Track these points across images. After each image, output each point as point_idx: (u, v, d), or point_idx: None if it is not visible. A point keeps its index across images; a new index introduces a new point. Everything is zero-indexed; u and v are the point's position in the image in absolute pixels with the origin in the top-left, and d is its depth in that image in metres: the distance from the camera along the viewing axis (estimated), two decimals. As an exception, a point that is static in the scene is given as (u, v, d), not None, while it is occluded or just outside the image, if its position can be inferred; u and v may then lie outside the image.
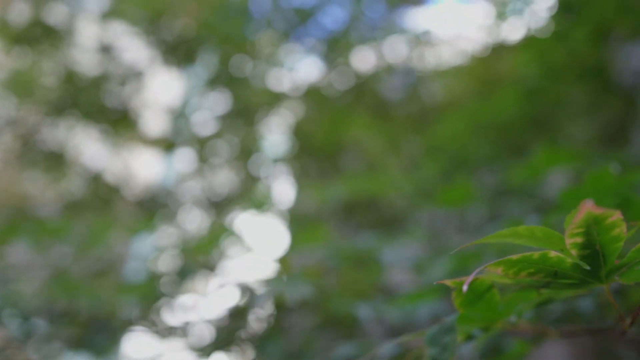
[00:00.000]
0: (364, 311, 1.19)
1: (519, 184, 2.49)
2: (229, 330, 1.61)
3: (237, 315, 1.55)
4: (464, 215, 2.73)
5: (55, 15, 3.00)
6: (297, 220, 3.77)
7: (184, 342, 2.07)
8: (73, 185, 3.49)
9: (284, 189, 4.63)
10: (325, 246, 1.57)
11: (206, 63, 3.65)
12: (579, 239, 0.49)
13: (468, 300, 0.60)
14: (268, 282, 1.15)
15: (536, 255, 0.51)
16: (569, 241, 0.50)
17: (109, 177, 3.63)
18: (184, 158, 4.19)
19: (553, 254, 0.51)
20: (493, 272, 0.54)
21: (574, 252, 0.51)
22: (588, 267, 0.52)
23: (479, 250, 1.20)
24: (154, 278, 2.11)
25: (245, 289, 2.18)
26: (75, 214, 3.11)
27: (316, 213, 3.59)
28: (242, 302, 1.73)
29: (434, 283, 0.59)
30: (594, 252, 0.50)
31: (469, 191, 1.80)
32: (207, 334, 2.21)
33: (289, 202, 4.63)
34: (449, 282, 0.57)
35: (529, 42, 2.72)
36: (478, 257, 1.17)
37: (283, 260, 1.20)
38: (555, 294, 0.63)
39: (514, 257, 0.52)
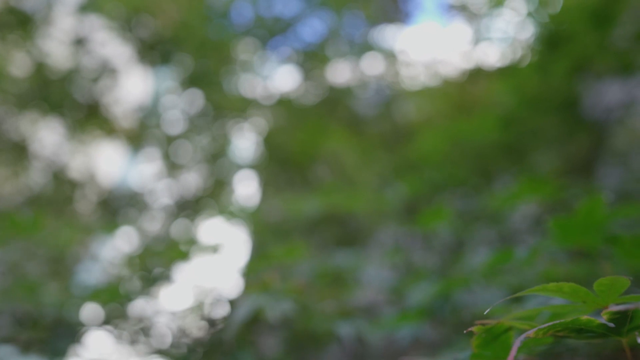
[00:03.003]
0: (344, 330, 1.18)
1: (491, 210, 2.54)
2: (205, 341, 1.57)
3: (214, 325, 1.52)
4: (430, 235, 2.77)
5: (31, 3, 2.90)
6: (261, 229, 3.74)
7: (148, 346, 2.02)
8: (34, 180, 3.37)
9: (248, 196, 4.60)
10: (305, 262, 1.56)
11: (181, 64, 3.60)
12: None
13: (485, 341, 0.60)
14: (249, 296, 1.12)
15: (568, 320, 0.53)
16: (607, 310, 0.52)
17: (73, 174, 3.53)
18: (150, 158, 4.12)
19: (584, 317, 0.53)
20: (529, 332, 0.55)
21: (606, 316, 0.52)
22: (613, 325, 0.53)
23: (465, 276, 1.21)
24: (118, 281, 2.06)
25: (225, 301, 2.15)
26: (36, 210, 3.00)
27: (280, 224, 3.56)
28: (220, 314, 1.70)
29: (470, 329, 0.59)
30: (624, 315, 0.52)
31: (446, 215, 1.82)
32: (169, 338, 2.17)
33: (253, 210, 4.59)
34: (475, 329, 0.58)
35: (507, 71, 2.78)
36: (465, 282, 1.18)
37: (265, 275, 1.17)
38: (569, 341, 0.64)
39: (549, 324, 0.54)
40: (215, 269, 2.99)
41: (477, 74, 3.35)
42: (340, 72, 4.11)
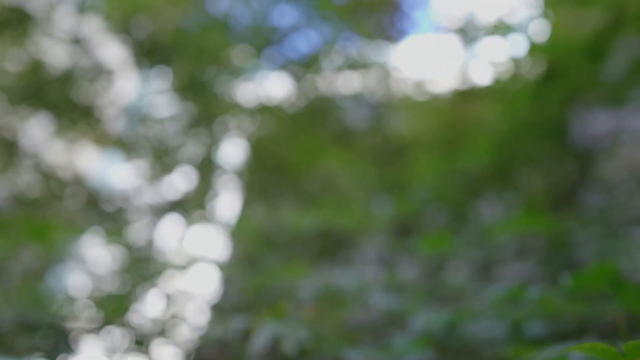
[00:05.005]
0: (354, 356, 1.21)
1: (478, 230, 2.61)
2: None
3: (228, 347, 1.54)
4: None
5: (33, 3, 2.88)
6: (245, 237, 3.75)
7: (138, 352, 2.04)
8: (21, 177, 3.35)
9: (233, 202, 4.61)
10: (307, 283, 1.59)
11: (176, 68, 3.60)
12: (638, 359, 0.58)
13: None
14: (267, 324, 1.14)
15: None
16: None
17: (60, 172, 3.51)
18: (138, 160, 4.11)
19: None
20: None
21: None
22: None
23: (475, 308, 1.25)
24: (118, 290, 2.07)
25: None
26: (24, 209, 2.98)
27: (264, 232, 3.58)
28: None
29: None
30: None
31: (448, 240, 1.87)
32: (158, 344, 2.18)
33: (237, 218, 4.62)
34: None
35: (500, 95, 2.84)
36: (475, 314, 1.22)
37: (280, 304, 1.19)
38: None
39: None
40: (198, 275, 3.02)
41: (469, 94, 3.41)
42: (332, 84, 4.15)
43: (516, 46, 2.67)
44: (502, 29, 2.77)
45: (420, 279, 2.82)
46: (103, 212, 3.80)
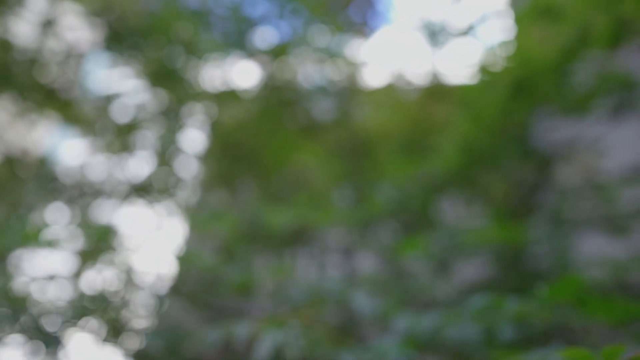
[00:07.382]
0: (348, 358, 1.28)
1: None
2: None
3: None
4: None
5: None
6: (205, 224, 3.76)
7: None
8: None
9: (193, 189, 4.62)
10: (293, 285, 1.65)
11: (146, 53, 3.57)
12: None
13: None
14: (269, 332, 1.19)
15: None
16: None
17: (24, 156, 3.44)
18: (102, 143, 4.06)
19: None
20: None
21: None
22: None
23: (456, 314, 1.35)
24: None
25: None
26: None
27: (227, 222, 3.60)
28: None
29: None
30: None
31: (419, 245, 1.98)
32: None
33: (197, 203, 4.63)
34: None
35: (468, 100, 2.95)
36: (458, 318, 1.32)
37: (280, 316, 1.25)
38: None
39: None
40: (157, 259, 3.06)
41: (436, 93, 3.52)
42: (301, 75, 4.19)
43: (485, 55, 2.78)
44: (472, 36, 2.88)
45: (379, 270, 2.94)
46: (64, 194, 3.75)
